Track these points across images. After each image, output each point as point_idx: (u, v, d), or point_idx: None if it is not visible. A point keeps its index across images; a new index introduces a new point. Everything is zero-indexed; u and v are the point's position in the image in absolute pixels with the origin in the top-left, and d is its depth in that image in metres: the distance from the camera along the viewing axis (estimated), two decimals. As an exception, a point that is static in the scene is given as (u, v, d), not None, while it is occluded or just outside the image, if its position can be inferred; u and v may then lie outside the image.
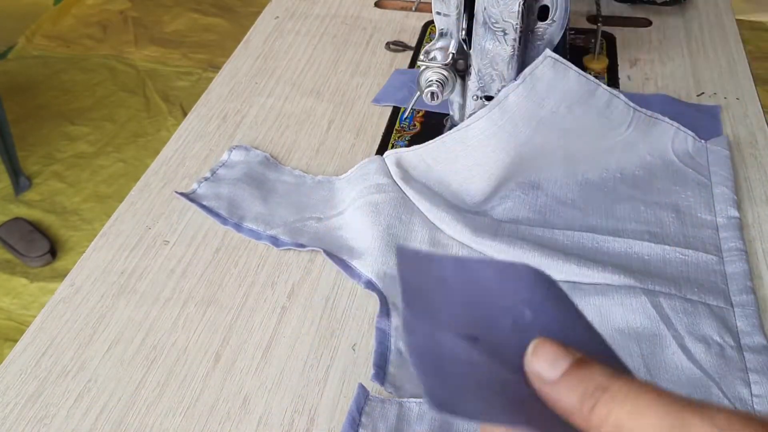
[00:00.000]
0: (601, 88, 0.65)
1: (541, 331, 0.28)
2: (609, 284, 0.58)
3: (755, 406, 0.50)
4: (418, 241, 0.64)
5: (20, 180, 1.82)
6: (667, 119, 0.71)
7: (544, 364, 0.24)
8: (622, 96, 0.66)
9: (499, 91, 0.64)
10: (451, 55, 0.65)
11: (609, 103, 0.66)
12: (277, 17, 1.01)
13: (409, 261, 0.29)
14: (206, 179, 0.71)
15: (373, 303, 0.59)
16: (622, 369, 0.27)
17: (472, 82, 0.67)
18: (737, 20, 0.97)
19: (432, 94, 0.64)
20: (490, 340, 0.28)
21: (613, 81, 0.85)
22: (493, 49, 0.64)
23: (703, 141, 0.72)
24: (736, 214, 0.64)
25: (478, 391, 0.25)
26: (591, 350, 0.27)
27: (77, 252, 1.66)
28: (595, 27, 0.85)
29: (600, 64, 0.87)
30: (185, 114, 0.80)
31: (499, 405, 0.25)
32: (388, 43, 0.94)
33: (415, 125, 0.80)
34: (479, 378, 0.26)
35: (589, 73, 0.70)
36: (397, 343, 0.56)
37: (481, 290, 0.29)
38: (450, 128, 0.69)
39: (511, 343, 0.28)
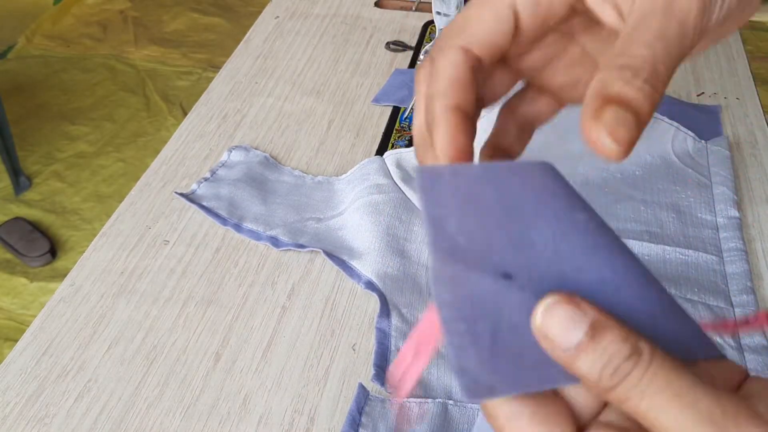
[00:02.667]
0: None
1: (593, 237, 0.25)
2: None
3: (755, 406, 0.50)
4: (418, 241, 0.64)
5: (20, 180, 1.82)
6: (666, 119, 0.71)
7: (558, 329, 0.22)
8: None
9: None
10: (451, 55, 0.65)
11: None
12: (277, 17, 1.01)
13: (431, 183, 0.26)
14: (206, 179, 0.71)
15: (373, 303, 0.59)
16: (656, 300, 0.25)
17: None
18: (737, 20, 0.97)
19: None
20: (525, 275, 0.25)
21: (613, 81, 0.85)
22: (493, 49, 0.64)
23: (703, 141, 0.72)
24: (737, 214, 0.64)
25: (518, 351, 0.23)
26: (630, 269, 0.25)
27: (77, 252, 1.66)
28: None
29: (600, 64, 0.87)
30: (185, 114, 0.80)
31: (539, 364, 0.23)
32: (388, 43, 0.94)
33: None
34: (517, 332, 0.23)
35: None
36: (397, 343, 0.56)
37: (516, 202, 0.26)
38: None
39: (552, 267, 0.25)
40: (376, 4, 1.04)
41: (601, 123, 0.24)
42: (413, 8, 1.02)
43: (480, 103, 0.29)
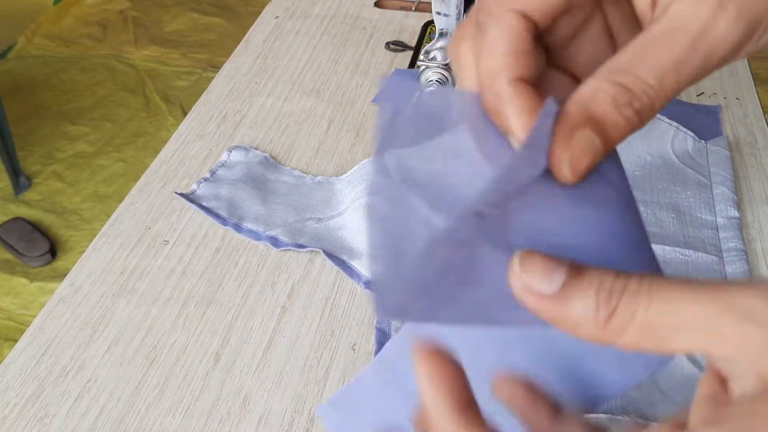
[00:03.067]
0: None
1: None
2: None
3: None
4: (418, 241, 0.64)
5: (20, 180, 1.82)
6: (666, 119, 0.71)
7: (538, 277, 0.21)
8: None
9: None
10: (451, 55, 0.66)
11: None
12: (277, 17, 1.01)
13: (392, 91, 0.25)
14: (206, 180, 0.71)
15: (373, 303, 0.59)
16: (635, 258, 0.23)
17: (472, 82, 0.67)
18: (737, 20, 0.97)
19: (432, 94, 0.65)
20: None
21: (613, 81, 0.85)
22: (493, 49, 0.64)
23: (703, 141, 0.72)
24: (736, 214, 0.64)
25: (439, 275, 0.22)
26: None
27: (77, 252, 1.66)
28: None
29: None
30: (185, 114, 0.80)
31: (467, 297, 0.22)
32: (388, 43, 0.94)
33: (415, 125, 0.80)
34: (440, 257, 0.22)
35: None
36: (397, 343, 0.56)
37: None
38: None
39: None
40: (376, 5, 1.04)
41: (569, 150, 0.23)
42: (413, 8, 1.02)
43: None
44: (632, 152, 0.70)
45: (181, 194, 0.69)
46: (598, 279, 0.20)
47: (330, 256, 0.62)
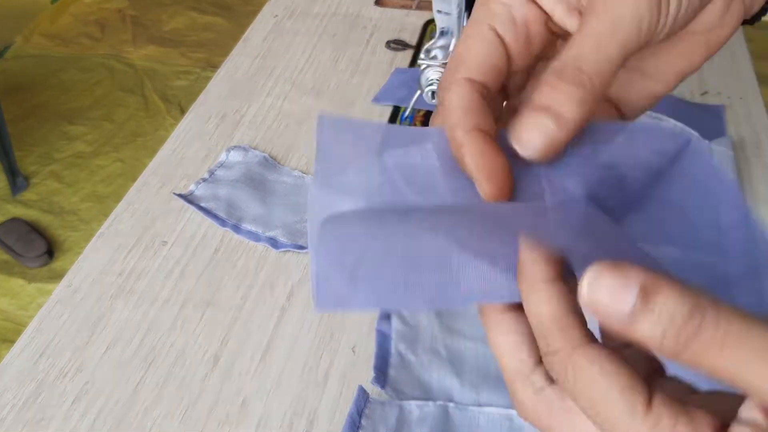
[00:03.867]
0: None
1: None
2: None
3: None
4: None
5: (18, 180, 1.81)
6: (670, 119, 0.70)
7: (608, 300, 0.21)
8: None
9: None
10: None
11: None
12: (276, 16, 1.01)
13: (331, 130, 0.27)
14: (204, 180, 0.71)
15: (374, 304, 0.59)
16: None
17: (474, 81, 0.66)
18: (739, 19, 0.97)
19: (433, 93, 0.64)
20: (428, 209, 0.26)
21: (614, 80, 0.85)
22: (495, 48, 0.63)
23: (706, 141, 0.71)
24: (740, 214, 0.64)
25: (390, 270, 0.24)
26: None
27: (75, 252, 1.65)
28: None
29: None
30: (184, 113, 0.79)
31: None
32: (388, 42, 0.93)
33: (415, 125, 0.79)
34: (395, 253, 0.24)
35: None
36: (398, 345, 0.55)
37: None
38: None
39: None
40: (376, 3, 1.03)
41: (516, 130, 0.26)
42: (413, 6, 1.01)
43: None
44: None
45: (180, 195, 0.69)
46: (668, 312, 0.21)
47: (330, 256, 0.62)
